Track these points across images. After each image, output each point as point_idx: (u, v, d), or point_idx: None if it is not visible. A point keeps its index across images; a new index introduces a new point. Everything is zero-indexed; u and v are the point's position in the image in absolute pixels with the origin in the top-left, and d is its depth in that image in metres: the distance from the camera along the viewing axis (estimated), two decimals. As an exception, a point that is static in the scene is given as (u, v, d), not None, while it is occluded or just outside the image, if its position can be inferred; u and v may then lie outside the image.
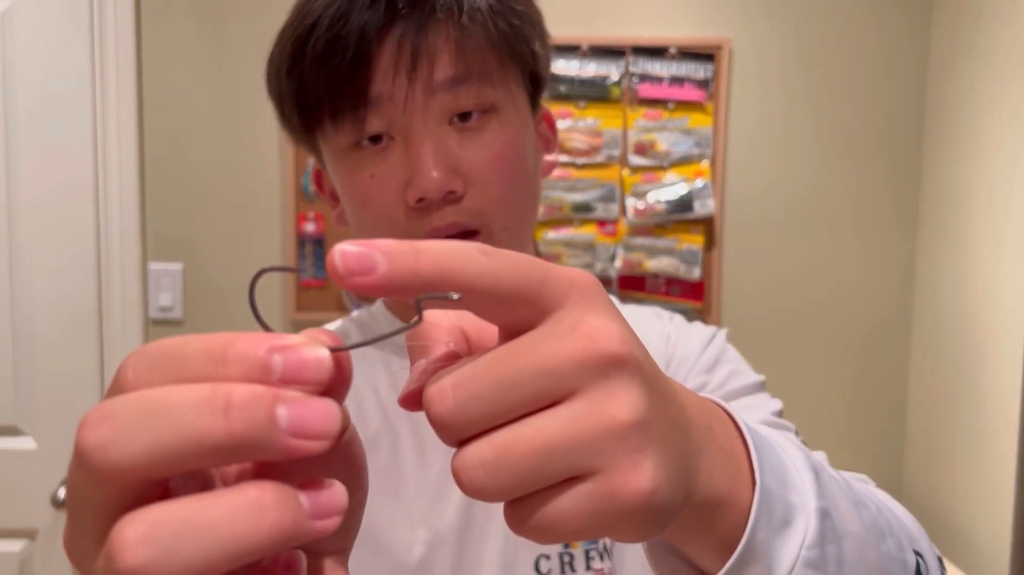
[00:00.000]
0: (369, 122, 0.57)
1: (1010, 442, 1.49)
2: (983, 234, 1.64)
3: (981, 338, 1.64)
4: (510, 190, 0.60)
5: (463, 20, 0.57)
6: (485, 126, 0.59)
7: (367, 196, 0.60)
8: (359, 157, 0.59)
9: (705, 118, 1.83)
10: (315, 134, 0.61)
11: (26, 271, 1.82)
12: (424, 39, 0.56)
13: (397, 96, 0.56)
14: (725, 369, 0.67)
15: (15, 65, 1.79)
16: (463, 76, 0.57)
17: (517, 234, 0.62)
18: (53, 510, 1.83)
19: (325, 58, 0.56)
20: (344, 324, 0.75)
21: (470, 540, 0.64)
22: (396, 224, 0.59)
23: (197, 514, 0.21)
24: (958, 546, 1.69)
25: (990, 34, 1.65)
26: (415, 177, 0.57)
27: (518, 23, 0.61)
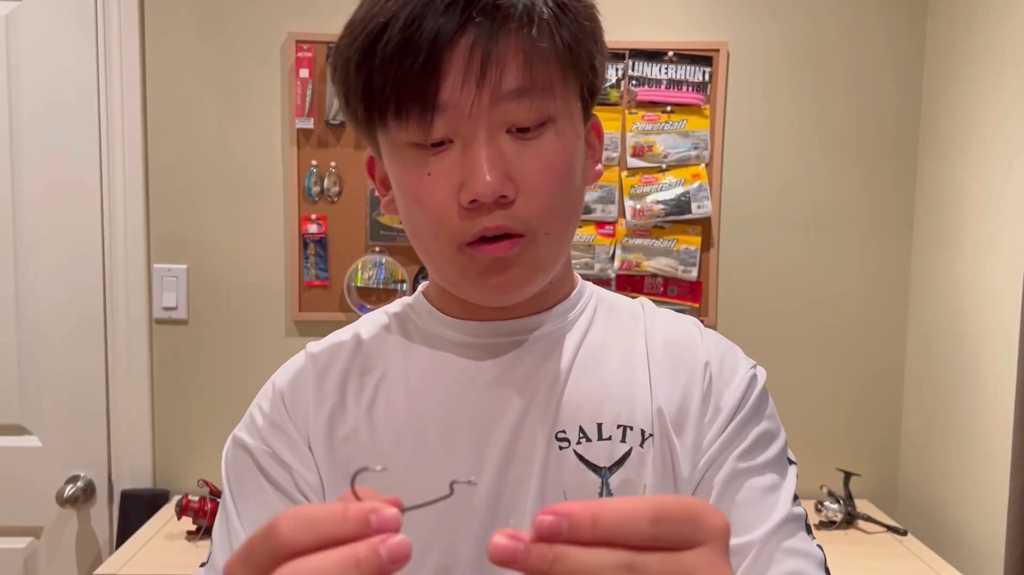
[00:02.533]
0: (435, 125, 0.59)
1: (1004, 440, 1.50)
2: (977, 234, 1.66)
3: (975, 337, 1.65)
4: (557, 199, 0.62)
5: (532, 32, 0.58)
6: (541, 136, 0.61)
7: (422, 193, 0.61)
8: (418, 155, 0.61)
9: (702, 120, 1.86)
10: (375, 127, 0.63)
11: (32, 271, 1.84)
12: (495, 48, 0.57)
13: (463, 103, 0.58)
14: (760, 430, 0.68)
15: (20, 67, 1.81)
16: (528, 88, 0.59)
17: (558, 239, 0.64)
18: (57, 508, 1.84)
19: (396, 59, 0.57)
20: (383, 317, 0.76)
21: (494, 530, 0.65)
22: (447, 222, 0.61)
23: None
24: (953, 544, 1.71)
25: (985, 37, 1.66)
26: (470, 180, 0.58)
27: (582, 36, 0.63)
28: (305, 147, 1.86)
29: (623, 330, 0.73)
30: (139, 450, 1.89)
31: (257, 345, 1.88)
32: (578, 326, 0.72)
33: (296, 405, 0.69)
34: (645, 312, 0.75)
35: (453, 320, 0.71)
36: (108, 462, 1.89)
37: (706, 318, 1.89)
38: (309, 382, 0.70)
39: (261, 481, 0.67)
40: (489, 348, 0.70)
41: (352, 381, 0.70)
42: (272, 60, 1.85)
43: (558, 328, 0.71)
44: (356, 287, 1.87)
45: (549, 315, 0.71)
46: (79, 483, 1.85)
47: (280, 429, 0.68)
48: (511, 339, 0.70)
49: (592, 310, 0.74)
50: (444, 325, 0.71)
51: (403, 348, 0.72)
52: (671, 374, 0.69)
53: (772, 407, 0.72)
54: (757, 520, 0.64)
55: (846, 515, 1.75)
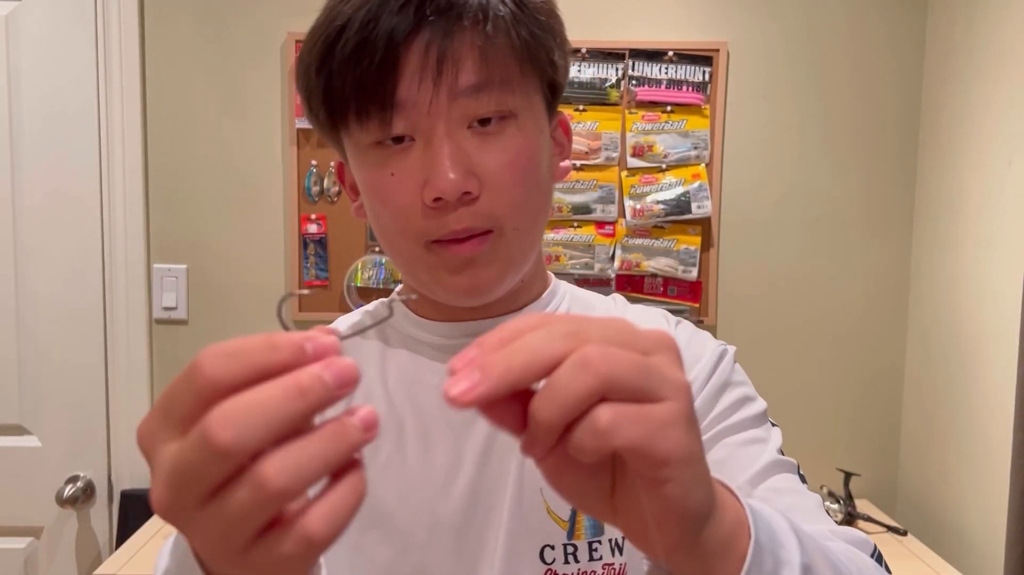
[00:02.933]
0: (394, 124, 0.59)
1: (1004, 440, 1.50)
2: (977, 234, 1.66)
3: (975, 337, 1.65)
4: (523, 193, 0.63)
5: (487, 28, 0.59)
6: (503, 131, 0.61)
7: (386, 193, 0.62)
8: (381, 155, 0.62)
9: (702, 120, 1.86)
10: (339, 130, 0.63)
11: (31, 272, 1.84)
12: (450, 46, 0.58)
13: (421, 100, 0.59)
14: (732, 395, 0.69)
15: (20, 67, 1.81)
16: (485, 83, 0.59)
17: (527, 234, 0.65)
18: (57, 508, 1.84)
19: (353, 60, 0.58)
20: (361, 318, 0.77)
21: (472, 528, 0.66)
22: (413, 221, 0.62)
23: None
24: (953, 544, 1.71)
25: (985, 38, 1.66)
26: (432, 177, 0.59)
27: (540, 33, 0.63)
28: (305, 147, 1.86)
29: None
30: (139, 450, 1.88)
31: (257, 345, 1.87)
32: None
33: None
34: (616, 307, 0.76)
35: (427, 322, 0.71)
36: (108, 462, 1.89)
37: (706, 318, 1.89)
38: None
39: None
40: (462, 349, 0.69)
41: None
42: (272, 60, 1.85)
43: None
44: (356, 287, 1.87)
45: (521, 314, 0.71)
46: (79, 483, 1.85)
47: None
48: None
49: (566, 309, 0.75)
50: (419, 327, 0.72)
51: (380, 350, 0.72)
52: None
53: (746, 378, 0.73)
54: (740, 469, 0.65)
55: (846, 515, 1.75)
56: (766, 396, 0.79)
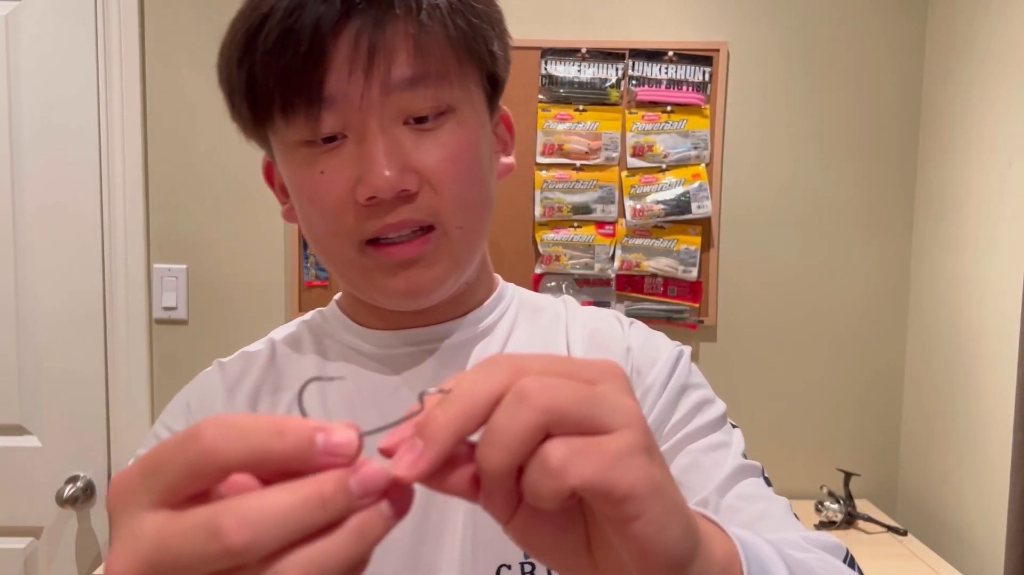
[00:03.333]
0: (323, 120, 0.55)
1: (1004, 440, 1.50)
2: (977, 234, 1.66)
3: (975, 337, 1.65)
4: (465, 190, 0.59)
5: (422, 17, 0.55)
6: (441, 127, 0.58)
7: (316, 193, 0.58)
8: (310, 153, 0.58)
9: (702, 120, 1.85)
10: (265, 127, 0.60)
11: (31, 271, 1.84)
12: (382, 35, 0.54)
13: (352, 94, 0.55)
14: (691, 399, 0.66)
15: (20, 67, 1.81)
16: (421, 76, 0.56)
17: (471, 232, 0.61)
18: (57, 508, 1.84)
19: (277, 51, 0.54)
20: (298, 329, 0.73)
21: (425, 548, 0.62)
22: (345, 223, 0.58)
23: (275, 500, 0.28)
24: (953, 544, 1.71)
25: (985, 38, 1.66)
26: (366, 175, 0.55)
27: (477, 22, 0.59)
28: (305, 147, 1.86)
29: (545, 331, 0.69)
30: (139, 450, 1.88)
31: (257, 345, 1.87)
32: (499, 330, 0.68)
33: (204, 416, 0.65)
34: (567, 310, 0.72)
35: (365, 330, 0.67)
36: (108, 462, 1.89)
37: (706, 318, 1.89)
38: (219, 395, 0.66)
39: None
40: (403, 359, 0.66)
41: (264, 398, 0.66)
42: (272, 60, 1.84)
43: (476, 334, 0.67)
44: (356, 287, 1.87)
45: (466, 320, 0.67)
46: (79, 483, 1.85)
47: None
48: (423, 348, 0.66)
49: (514, 313, 0.71)
50: (357, 336, 0.68)
51: (318, 364, 0.68)
52: None
53: (703, 379, 0.70)
54: (706, 478, 0.61)
55: (846, 515, 1.75)
56: (767, 397, 0.78)
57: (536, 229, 1.86)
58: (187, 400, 0.67)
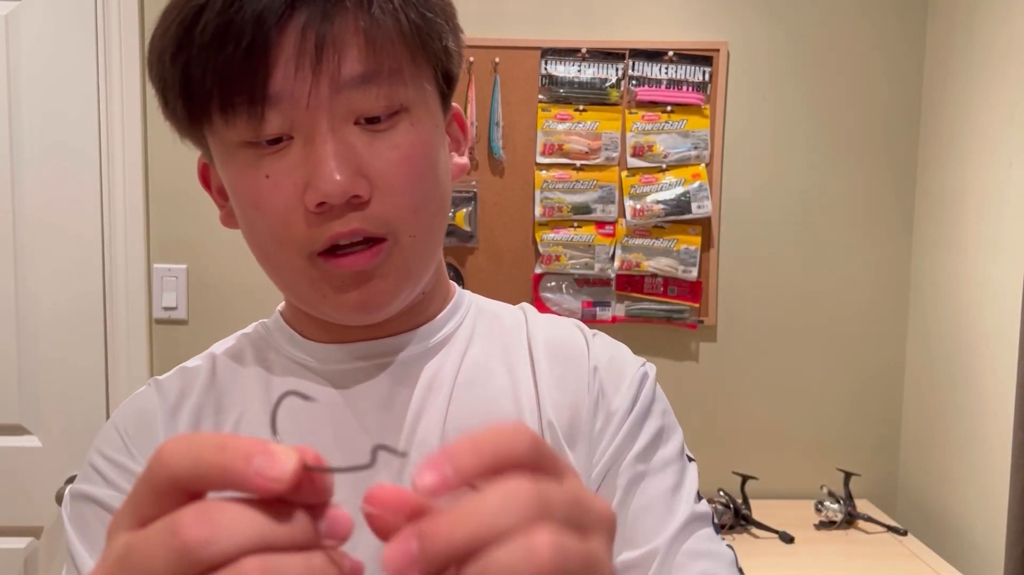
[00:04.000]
0: (267, 120, 0.52)
1: (1004, 440, 1.50)
2: (977, 235, 1.66)
3: (976, 338, 1.65)
4: (419, 195, 0.56)
5: (373, 10, 0.52)
6: (394, 127, 0.54)
7: (260, 198, 0.54)
8: (253, 155, 0.54)
9: (702, 120, 1.85)
10: (202, 126, 0.55)
11: (32, 272, 1.84)
12: (330, 29, 0.51)
13: (298, 92, 0.51)
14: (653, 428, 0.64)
15: (20, 67, 1.81)
16: (373, 73, 0.52)
17: (425, 241, 0.58)
18: (57, 508, 1.84)
19: (215, 46, 0.50)
20: (239, 342, 0.69)
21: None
22: (293, 229, 0.54)
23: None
24: (953, 544, 1.71)
25: (985, 38, 1.67)
26: (315, 179, 0.52)
27: (431, 16, 0.56)
28: (305, 147, 1.86)
29: (505, 341, 0.66)
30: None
31: (257, 345, 1.87)
32: (457, 341, 0.65)
33: (145, 445, 0.61)
34: (527, 318, 0.69)
35: (313, 344, 0.64)
36: (108, 462, 1.89)
37: (706, 318, 1.89)
38: (158, 418, 0.62)
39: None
40: (356, 374, 0.62)
41: (206, 420, 0.63)
42: (272, 60, 1.84)
43: (430, 347, 0.64)
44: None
45: (422, 332, 0.64)
46: (79, 483, 1.85)
47: (131, 472, 0.59)
48: (375, 363, 0.62)
49: (472, 322, 0.67)
50: (304, 350, 0.64)
51: (262, 381, 0.64)
52: (559, 382, 0.63)
53: (666, 403, 0.67)
54: (659, 525, 0.60)
55: (846, 515, 1.75)
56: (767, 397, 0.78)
57: (536, 229, 1.86)
58: (121, 425, 0.63)
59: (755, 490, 1.78)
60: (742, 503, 1.74)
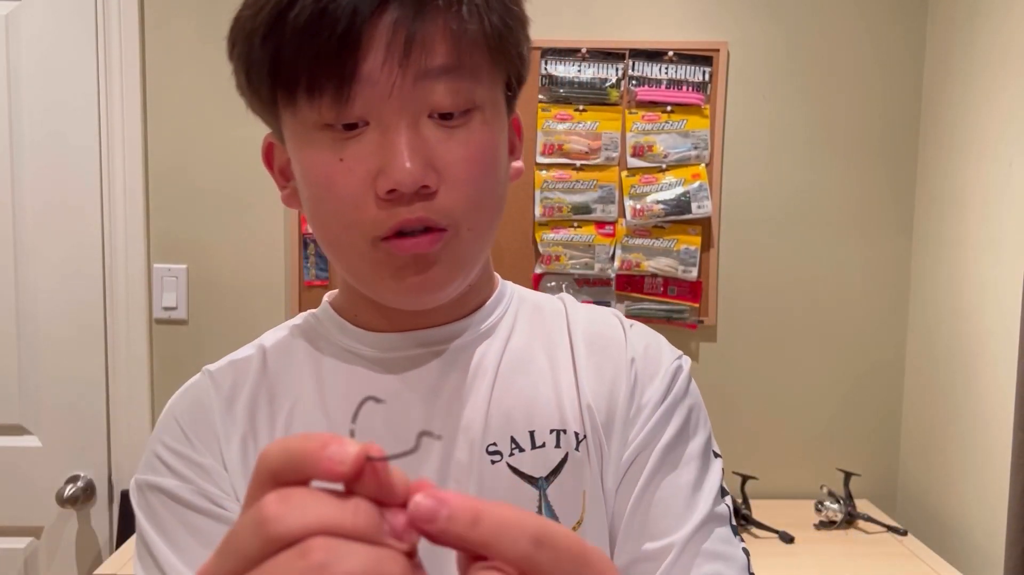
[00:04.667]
0: (351, 104, 0.54)
1: (1005, 440, 1.50)
2: (977, 234, 1.66)
3: (976, 337, 1.65)
4: (482, 192, 0.58)
5: (462, 12, 0.54)
6: (466, 124, 0.57)
7: (333, 180, 0.56)
8: (329, 138, 0.56)
9: (702, 120, 1.86)
10: (280, 107, 0.58)
11: (32, 272, 1.84)
12: (421, 26, 0.53)
13: (384, 81, 0.53)
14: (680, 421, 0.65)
15: (20, 67, 1.81)
16: (454, 71, 0.55)
17: (481, 235, 0.60)
18: (57, 508, 1.84)
19: (310, 31, 0.52)
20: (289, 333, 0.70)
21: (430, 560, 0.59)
22: (361, 213, 0.56)
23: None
24: (953, 544, 1.71)
25: (985, 37, 1.67)
26: (389, 167, 0.54)
27: (512, 23, 0.58)
28: (305, 147, 1.86)
29: (547, 330, 0.69)
30: (139, 450, 1.88)
31: (257, 345, 1.87)
32: (500, 330, 0.68)
33: (203, 435, 0.63)
34: (567, 309, 0.71)
35: (365, 333, 0.66)
36: (108, 462, 1.89)
37: (706, 318, 1.89)
38: (215, 409, 0.64)
39: (192, 517, 0.60)
40: (407, 361, 0.65)
41: (262, 409, 0.65)
42: (272, 60, 1.84)
43: (480, 334, 0.67)
44: (356, 287, 1.87)
45: (469, 321, 0.67)
46: (79, 483, 1.85)
47: (195, 463, 0.62)
48: (430, 350, 0.65)
49: (514, 312, 0.70)
50: (356, 338, 0.66)
51: (314, 369, 0.66)
52: (597, 371, 0.66)
53: (697, 398, 0.69)
54: (677, 521, 0.62)
55: (846, 515, 1.75)
56: (767, 397, 0.78)
57: (536, 229, 1.86)
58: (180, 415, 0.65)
59: (755, 490, 1.78)
60: (742, 503, 1.74)
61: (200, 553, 0.59)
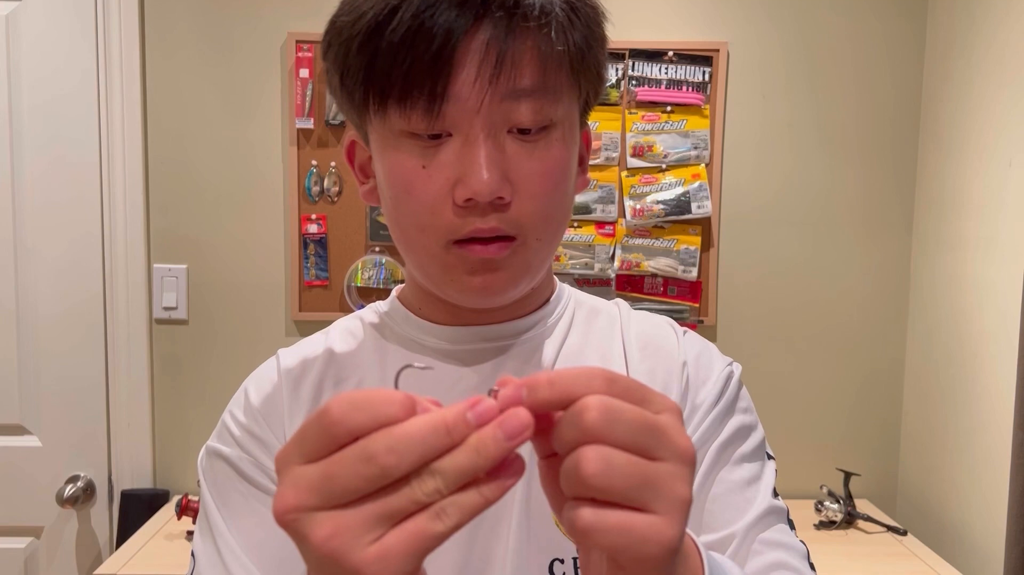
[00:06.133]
0: (441, 117, 0.57)
1: (1004, 439, 1.50)
2: (977, 234, 1.66)
3: (975, 337, 1.65)
4: (552, 205, 0.61)
5: (550, 33, 0.57)
6: (543, 140, 0.60)
7: (414, 185, 0.59)
8: (414, 145, 0.59)
9: (702, 120, 1.86)
10: (370, 111, 0.60)
11: (32, 272, 1.84)
12: (510, 46, 0.56)
13: (473, 97, 0.56)
14: (736, 423, 0.68)
15: (20, 67, 1.81)
16: (538, 90, 0.58)
17: (548, 244, 0.64)
18: (57, 508, 1.84)
19: (407, 45, 0.55)
20: (356, 323, 0.75)
21: (478, 542, 0.64)
22: (439, 218, 0.59)
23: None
24: (953, 544, 1.71)
25: (984, 38, 1.67)
26: (467, 177, 0.57)
27: (594, 43, 0.62)
28: (305, 147, 1.86)
29: (601, 333, 0.72)
30: (139, 450, 1.89)
31: (257, 345, 1.88)
32: (557, 331, 0.71)
33: (270, 414, 0.68)
34: (621, 313, 0.74)
35: (432, 325, 0.69)
36: (108, 462, 1.89)
37: (706, 318, 1.89)
38: (283, 390, 0.69)
39: (245, 488, 0.65)
40: (471, 354, 0.68)
41: (327, 390, 0.69)
42: (272, 60, 1.85)
43: (539, 333, 0.71)
44: (356, 287, 1.87)
45: (530, 320, 0.71)
46: (79, 483, 1.85)
47: (257, 438, 0.67)
48: (494, 345, 0.69)
49: (571, 314, 0.73)
50: (423, 330, 0.70)
51: (379, 355, 0.70)
52: (649, 374, 0.69)
53: (749, 401, 0.71)
54: (736, 513, 0.64)
55: (846, 515, 1.75)
56: (767, 397, 0.79)
57: (536, 229, 1.86)
58: (251, 391, 0.70)
59: (755, 490, 1.78)
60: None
61: (251, 522, 0.64)
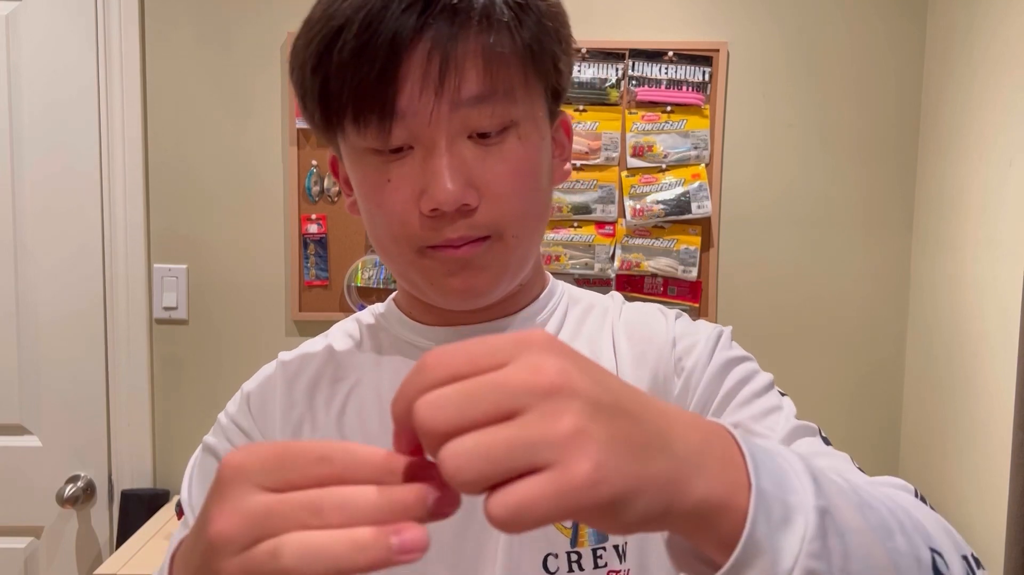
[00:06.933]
0: (394, 133, 0.58)
1: (1004, 439, 1.50)
2: (977, 234, 1.66)
3: (975, 337, 1.65)
4: (524, 202, 0.62)
5: (493, 34, 0.57)
6: (503, 141, 0.60)
7: (382, 199, 0.61)
8: (378, 160, 0.60)
9: (702, 120, 1.86)
10: (335, 131, 0.62)
11: (32, 271, 1.84)
12: (454, 51, 0.56)
13: (423, 110, 0.57)
14: (738, 373, 0.67)
15: (20, 67, 1.81)
16: (488, 94, 0.58)
17: (526, 240, 0.64)
18: (57, 508, 1.84)
19: (353, 65, 0.56)
20: (354, 325, 0.76)
21: (470, 537, 0.64)
22: (408, 228, 0.60)
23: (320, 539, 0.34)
24: (953, 544, 1.70)
25: (984, 38, 1.67)
26: (431, 188, 0.58)
27: (545, 39, 0.61)
28: (305, 147, 1.86)
29: (591, 327, 0.72)
30: (139, 450, 1.89)
31: (257, 345, 1.88)
32: (549, 327, 0.72)
33: (263, 410, 0.70)
34: (613, 305, 0.74)
35: (422, 326, 0.71)
36: (108, 462, 1.89)
37: (706, 318, 1.89)
38: (277, 388, 0.71)
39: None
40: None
41: (322, 389, 0.70)
42: (272, 60, 1.85)
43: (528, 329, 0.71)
44: (356, 287, 1.87)
45: (518, 318, 0.71)
46: (79, 483, 1.85)
47: (243, 431, 0.69)
48: None
49: (563, 310, 0.73)
50: (415, 332, 0.71)
51: (375, 357, 0.71)
52: (639, 359, 0.68)
53: (746, 352, 0.70)
54: (765, 430, 0.63)
55: (846, 515, 1.75)
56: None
57: (536, 229, 1.86)
58: (248, 387, 0.72)
59: (755, 490, 1.78)
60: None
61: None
